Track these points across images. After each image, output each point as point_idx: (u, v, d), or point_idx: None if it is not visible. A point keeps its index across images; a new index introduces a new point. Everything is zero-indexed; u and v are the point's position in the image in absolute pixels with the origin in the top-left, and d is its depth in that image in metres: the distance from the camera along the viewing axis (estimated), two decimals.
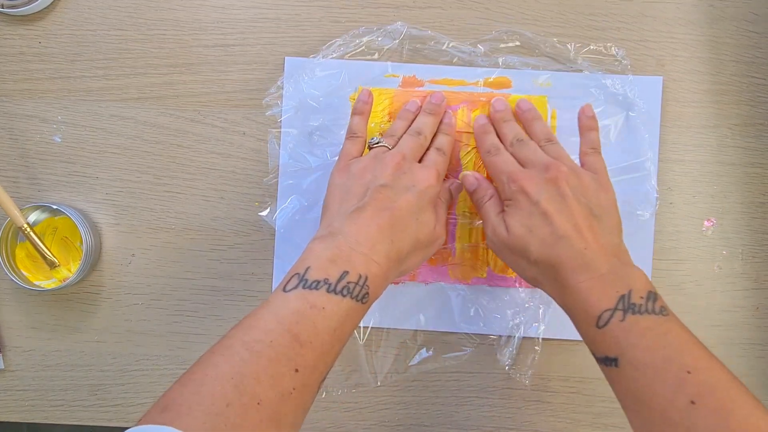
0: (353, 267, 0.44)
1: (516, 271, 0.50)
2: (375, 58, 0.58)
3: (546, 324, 0.58)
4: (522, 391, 0.59)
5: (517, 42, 0.58)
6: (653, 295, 0.43)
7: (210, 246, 0.59)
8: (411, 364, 0.59)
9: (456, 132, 0.57)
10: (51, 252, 0.56)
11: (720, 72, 0.58)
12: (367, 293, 0.44)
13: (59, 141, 0.59)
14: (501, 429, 0.59)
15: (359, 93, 0.56)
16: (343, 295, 0.42)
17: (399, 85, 0.58)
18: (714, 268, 0.58)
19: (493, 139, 0.54)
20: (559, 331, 0.58)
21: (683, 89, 0.58)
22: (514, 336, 0.58)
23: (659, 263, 0.58)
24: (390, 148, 0.52)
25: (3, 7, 0.57)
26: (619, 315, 0.42)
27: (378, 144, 0.52)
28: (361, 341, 0.59)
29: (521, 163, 0.51)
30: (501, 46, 0.58)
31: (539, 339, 0.58)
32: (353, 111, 0.54)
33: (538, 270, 0.47)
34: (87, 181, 0.59)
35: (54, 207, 0.56)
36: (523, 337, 0.58)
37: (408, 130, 0.54)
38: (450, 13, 0.58)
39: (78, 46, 0.59)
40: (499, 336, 0.58)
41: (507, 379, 0.59)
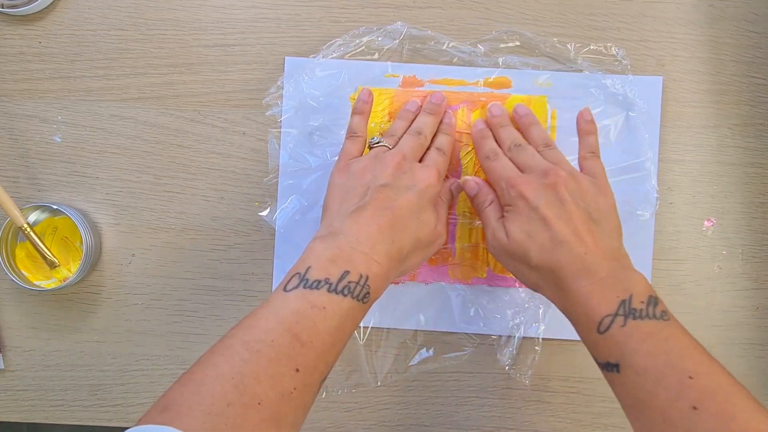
0: (354, 267, 0.44)
1: (516, 277, 0.50)
2: (375, 58, 0.58)
3: (546, 324, 0.58)
4: (522, 391, 0.59)
5: (517, 42, 0.58)
6: (654, 300, 0.43)
7: (210, 246, 0.59)
8: (411, 364, 0.59)
9: (456, 132, 0.57)
10: (51, 252, 0.56)
11: (720, 72, 0.58)
12: (368, 293, 0.44)
13: (59, 141, 0.59)
14: (501, 429, 0.59)
15: (359, 93, 0.56)
16: (344, 295, 0.42)
17: (399, 85, 0.58)
18: (714, 268, 0.58)
19: (492, 144, 0.54)
20: (559, 331, 0.58)
21: (683, 89, 0.58)
22: (514, 336, 0.58)
23: (659, 263, 0.58)
24: (390, 147, 0.51)
25: (3, 7, 0.57)
26: (620, 320, 0.42)
27: (378, 144, 0.52)
28: (361, 341, 0.59)
29: (520, 168, 0.51)
30: (501, 46, 0.58)
31: (539, 339, 0.58)
32: (353, 110, 0.54)
33: (538, 275, 0.47)
34: (87, 181, 0.59)
35: (54, 207, 0.56)
36: (523, 337, 0.58)
37: (408, 129, 0.54)
38: (450, 13, 0.58)
39: (78, 46, 0.59)
40: (499, 336, 0.58)
41: (507, 379, 0.59)
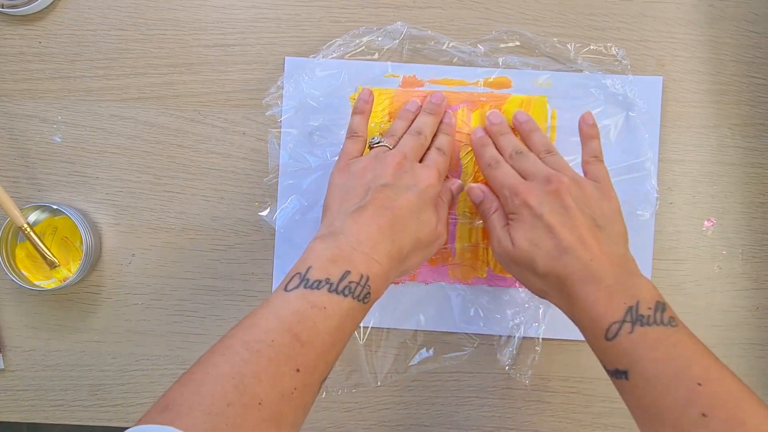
0: (355, 267, 0.44)
1: (523, 284, 0.50)
2: (375, 58, 0.58)
3: (546, 324, 0.58)
4: (522, 391, 0.59)
5: (517, 42, 0.58)
6: (661, 306, 0.42)
7: (210, 246, 0.59)
8: (411, 364, 0.59)
9: (456, 132, 0.57)
10: (51, 252, 0.56)
11: (720, 72, 0.58)
12: (369, 293, 0.44)
13: (59, 141, 0.59)
14: (501, 429, 0.59)
15: (360, 92, 0.56)
16: (345, 295, 0.42)
17: (399, 85, 0.58)
18: (714, 268, 0.58)
19: (492, 152, 0.53)
20: (559, 331, 0.58)
21: (683, 89, 0.58)
22: (514, 336, 0.58)
23: (659, 263, 0.58)
24: (391, 147, 0.51)
25: (3, 7, 0.57)
26: (628, 327, 0.41)
27: (379, 144, 0.52)
28: (361, 341, 0.59)
29: (522, 176, 0.50)
30: (501, 46, 0.58)
31: (539, 339, 0.58)
32: (354, 110, 0.54)
33: (544, 282, 0.47)
34: (87, 181, 0.59)
35: (54, 207, 0.56)
36: (523, 337, 0.58)
37: (408, 129, 0.53)
38: (450, 13, 0.58)
39: (78, 46, 0.59)
40: (499, 336, 0.58)
41: (507, 379, 0.59)
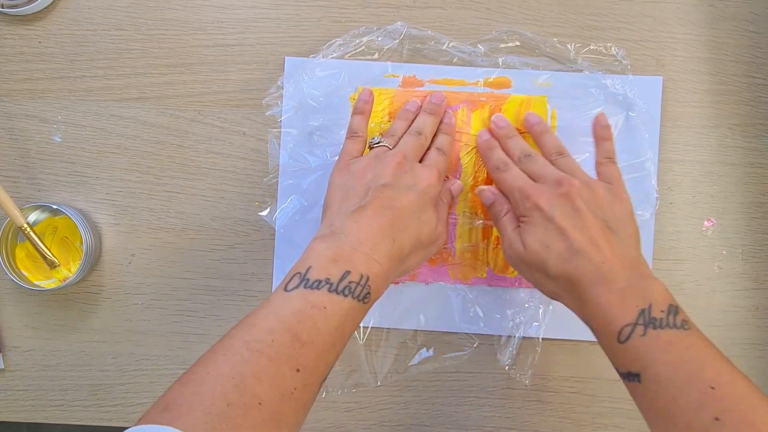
0: (355, 267, 0.44)
1: (535, 286, 0.50)
2: (375, 58, 0.58)
3: (546, 324, 0.58)
4: (522, 391, 0.59)
5: (517, 42, 0.58)
6: (674, 309, 0.42)
7: (210, 246, 0.59)
8: (411, 364, 0.59)
9: (456, 132, 0.57)
10: (51, 252, 0.56)
11: (720, 72, 0.58)
12: (369, 293, 0.44)
13: (59, 141, 0.59)
14: (501, 429, 0.59)
15: (360, 92, 0.56)
16: (345, 295, 0.42)
17: (399, 85, 0.58)
18: (714, 268, 0.58)
19: (500, 155, 0.53)
20: (559, 331, 0.58)
21: (683, 89, 0.58)
22: (514, 336, 0.58)
23: (659, 263, 0.58)
24: (391, 147, 0.51)
25: (3, 7, 0.57)
26: (640, 330, 0.41)
27: (379, 144, 0.52)
28: (361, 341, 0.59)
29: (532, 178, 0.50)
30: (501, 46, 0.58)
31: (539, 339, 0.58)
32: (354, 110, 0.54)
33: (556, 285, 0.47)
34: (87, 181, 0.59)
35: (54, 207, 0.56)
36: (523, 337, 0.58)
37: (408, 129, 0.53)
38: (450, 13, 0.58)
39: (78, 46, 0.59)
40: (499, 336, 0.58)
41: (507, 379, 0.59)
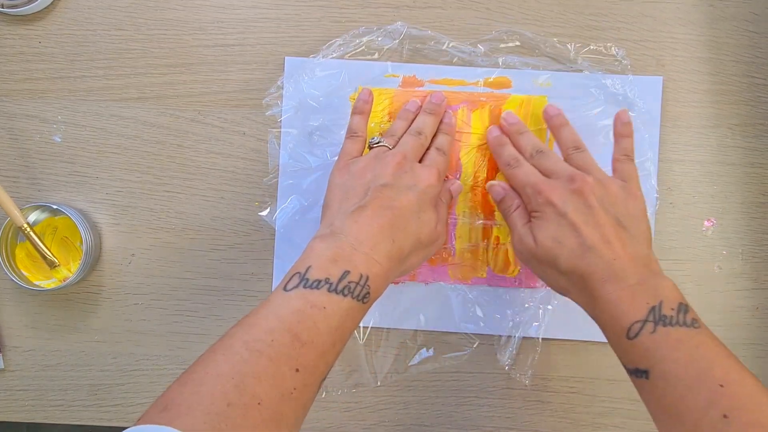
0: (354, 266, 0.44)
1: (544, 281, 0.50)
2: (375, 58, 0.58)
3: (546, 324, 0.58)
4: (522, 391, 0.59)
5: (517, 42, 0.58)
6: (684, 307, 0.42)
7: (210, 246, 0.59)
8: (411, 364, 0.59)
9: (456, 132, 0.57)
10: (51, 252, 0.56)
11: (720, 72, 0.58)
12: (368, 293, 0.44)
13: (59, 141, 0.59)
14: (501, 429, 0.59)
15: (360, 92, 0.56)
16: (344, 295, 0.42)
17: (399, 85, 0.58)
18: (714, 268, 0.58)
19: (511, 151, 0.53)
20: (559, 332, 0.58)
21: (683, 89, 0.58)
22: (514, 336, 0.58)
23: (659, 263, 0.58)
24: (391, 147, 0.51)
25: (3, 7, 0.57)
26: (650, 327, 0.41)
27: (379, 144, 0.52)
28: (361, 341, 0.59)
29: (544, 174, 0.50)
30: (501, 46, 0.58)
31: (539, 339, 0.58)
32: (353, 110, 0.54)
33: (567, 280, 0.47)
34: (87, 181, 0.59)
35: (54, 207, 0.56)
36: (523, 337, 0.58)
37: (408, 129, 0.53)
38: (450, 13, 0.58)
39: (78, 46, 0.59)
40: (499, 336, 0.58)
41: (507, 379, 0.59)
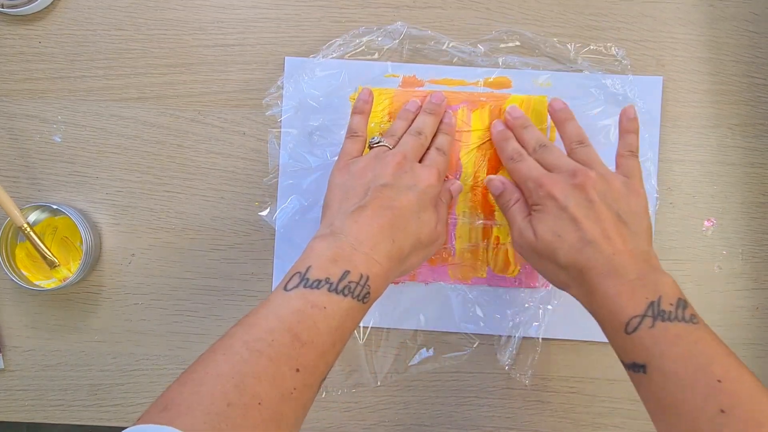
0: (355, 266, 0.44)
1: (543, 275, 0.50)
2: (375, 58, 0.58)
3: (546, 324, 0.58)
4: (522, 391, 0.59)
5: (517, 42, 0.58)
6: (683, 303, 0.42)
7: (210, 246, 0.59)
8: (411, 364, 0.59)
9: (456, 132, 0.57)
10: (51, 252, 0.56)
11: (720, 72, 0.58)
12: (369, 293, 0.44)
13: (59, 141, 0.59)
14: (501, 429, 0.59)
15: (360, 92, 0.56)
16: (345, 295, 0.42)
17: (399, 85, 0.58)
18: (714, 268, 0.58)
19: (515, 145, 0.53)
20: (559, 331, 0.58)
21: (683, 89, 0.58)
22: (514, 336, 0.58)
23: (659, 260, 0.58)
24: (391, 147, 0.51)
25: (3, 7, 0.57)
26: (649, 321, 0.41)
27: (379, 143, 0.52)
28: (361, 341, 0.59)
29: (547, 169, 0.50)
30: (501, 46, 0.58)
31: (539, 339, 0.58)
32: (353, 110, 0.54)
33: (566, 274, 0.47)
34: (87, 181, 0.59)
35: (54, 207, 0.56)
36: (523, 337, 0.58)
37: (408, 129, 0.53)
38: (450, 13, 0.58)
39: (78, 46, 0.59)
40: (499, 336, 0.58)
41: (507, 379, 0.59)
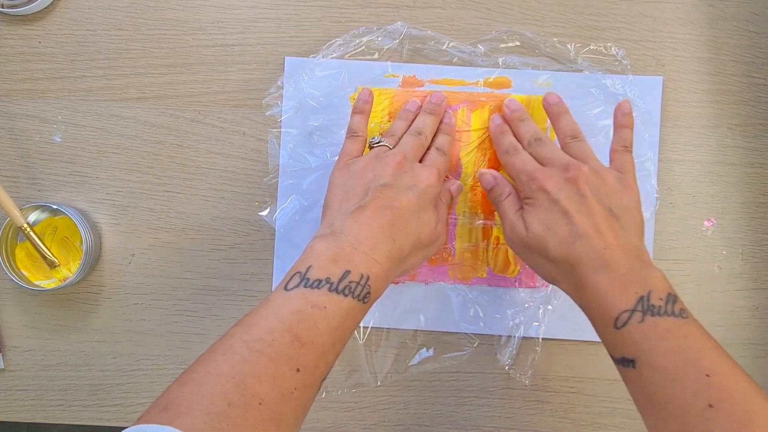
0: (355, 266, 0.44)
1: (534, 269, 0.50)
2: (375, 58, 0.58)
3: (546, 324, 0.58)
4: (522, 391, 0.59)
5: (517, 42, 0.58)
6: (673, 297, 0.42)
7: (210, 246, 0.59)
8: (411, 364, 0.59)
9: (456, 132, 0.57)
10: (51, 252, 0.56)
11: (720, 72, 0.58)
12: (369, 293, 0.44)
13: (59, 141, 0.59)
14: (501, 429, 0.59)
15: (360, 92, 0.56)
16: (345, 295, 0.42)
17: (399, 85, 0.58)
18: (714, 268, 0.58)
19: (511, 139, 0.54)
20: (559, 331, 0.58)
21: (683, 89, 0.58)
22: (514, 336, 0.58)
23: (659, 263, 0.58)
24: (391, 147, 0.51)
25: (3, 7, 0.57)
26: (638, 316, 0.41)
27: (379, 143, 0.52)
28: (361, 341, 0.59)
29: (541, 163, 0.50)
30: (501, 46, 0.58)
31: (539, 339, 0.58)
32: (354, 110, 0.54)
33: (556, 268, 0.47)
34: (87, 181, 0.59)
35: (54, 207, 0.56)
36: (523, 337, 0.58)
37: (408, 129, 0.53)
38: (450, 13, 0.58)
39: (78, 46, 0.59)
40: (499, 336, 0.58)
41: (507, 379, 0.59)
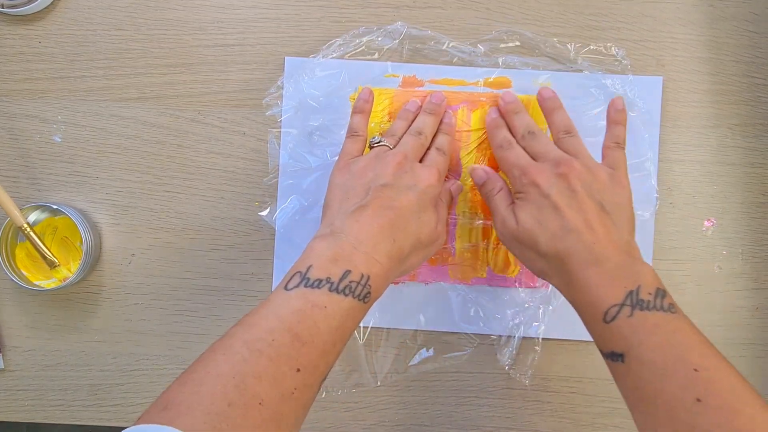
0: (355, 266, 0.44)
1: (524, 264, 0.50)
2: (375, 58, 0.58)
3: (546, 324, 0.58)
4: (522, 391, 0.59)
5: (517, 42, 0.58)
6: (662, 292, 0.42)
7: (210, 246, 0.59)
8: (411, 364, 0.59)
9: (456, 132, 0.57)
10: (51, 252, 0.56)
11: (720, 72, 0.58)
12: (369, 293, 0.44)
13: (59, 141, 0.59)
14: (501, 429, 0.59)
15: (360, 92, 0.56)
16: (345, 295, 0.42)
17: (399, 85, 0.58)
18: (714, 268, 0.58)
19: (505, 134, 0.54)
20: (559, 331, 0.58)
21: (683, 89, 0.58)
22: (514, 336, 0.58)
23: (659, 263, 0.58)
24: (391, 147, 0.51)
25: (3, 7, 0.57)
26: (627, 311, 0.41)
27: (379, 143, 0.52)
28: (361, 341, 0.59)
29: (533, 157, 0.51)
30: (501, 46, 0.58)
31: (539, 339, 0.58)
32: (354, 110, 0.54)
33: (546, 263, 0.47)
34: (87, 181, 0.59)
35: (54, 207, 0.56)
36: (523, 337, 0.58)
37: (408, 129, 0.53)
38: (450, 13, 0.58)
39: (78, 46, 0.59)
40: (499, 336, 0.58)
41: (507, 379, 0.59)
